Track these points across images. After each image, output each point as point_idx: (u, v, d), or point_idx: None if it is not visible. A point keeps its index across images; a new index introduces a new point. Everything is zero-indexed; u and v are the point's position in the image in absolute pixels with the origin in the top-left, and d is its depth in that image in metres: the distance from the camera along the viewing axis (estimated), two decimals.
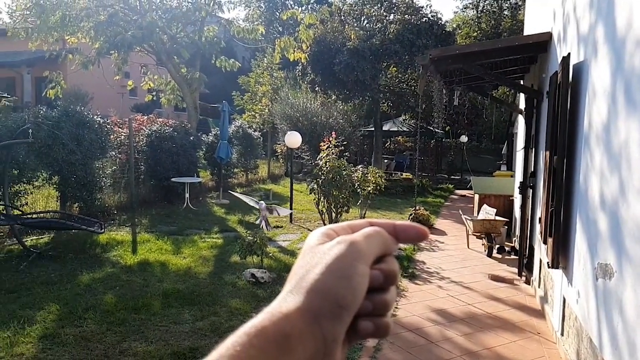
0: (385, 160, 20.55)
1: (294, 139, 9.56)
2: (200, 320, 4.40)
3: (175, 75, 11.93)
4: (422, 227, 0.47)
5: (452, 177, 20.62)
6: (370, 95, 17.09)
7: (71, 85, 15.04)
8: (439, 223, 10.30)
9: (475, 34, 23.08)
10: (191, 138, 11.17)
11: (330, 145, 7.91)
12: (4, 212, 6.78)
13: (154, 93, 14.29)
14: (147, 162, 10.42)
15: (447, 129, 19.83)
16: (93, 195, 8.35)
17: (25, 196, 7.51)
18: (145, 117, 12.57)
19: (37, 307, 4.54)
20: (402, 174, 18.51)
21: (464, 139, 20.22)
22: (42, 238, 7.18)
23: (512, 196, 8.93)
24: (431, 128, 18.94)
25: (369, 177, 8.50)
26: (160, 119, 12.01)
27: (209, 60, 12.39)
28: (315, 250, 0.43)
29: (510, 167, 13.71)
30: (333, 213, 7.96)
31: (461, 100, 8.08)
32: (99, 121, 8.42)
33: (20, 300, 4.69)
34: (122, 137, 10.17)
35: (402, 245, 7.56)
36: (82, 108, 8.41)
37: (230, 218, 9.46)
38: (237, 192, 12.84)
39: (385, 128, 20.00)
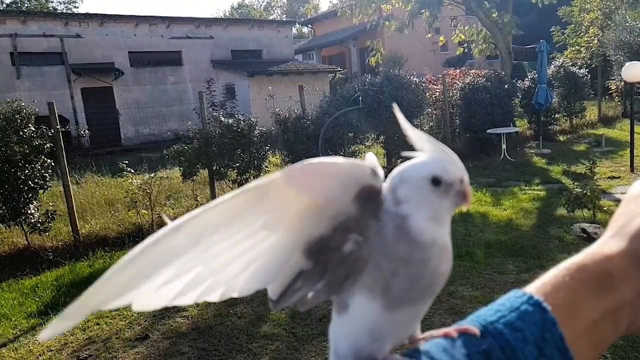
0: None
1: (634, 71, 7.92)
2: (525, 272, 4.27)
3: (486, 22, 11.51)
4: None
5: None
6: None
7: (388, 50, 16.42)
8: None
9: None
10: (505, 86, 10.67)
11: None
12: None
13: (465, 45, 14.18)
14: (462, 115, 10.59)
15: None
16: None
17: (360, 155, 8.72)
18: (457, 71, 12.66)
19: None
20: None
21: None
22: None
23: None
24: None
25: None
26: (473, 71, 11.87)
27: None
28: None
29: None
30: None
31: None
32: (415, 81, 8.95)
33: None
34: (437, 93, 10.58)
35: None
36: (399, 71, 9.10)
37: (553, 169, 8.71)
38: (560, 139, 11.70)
39: None
